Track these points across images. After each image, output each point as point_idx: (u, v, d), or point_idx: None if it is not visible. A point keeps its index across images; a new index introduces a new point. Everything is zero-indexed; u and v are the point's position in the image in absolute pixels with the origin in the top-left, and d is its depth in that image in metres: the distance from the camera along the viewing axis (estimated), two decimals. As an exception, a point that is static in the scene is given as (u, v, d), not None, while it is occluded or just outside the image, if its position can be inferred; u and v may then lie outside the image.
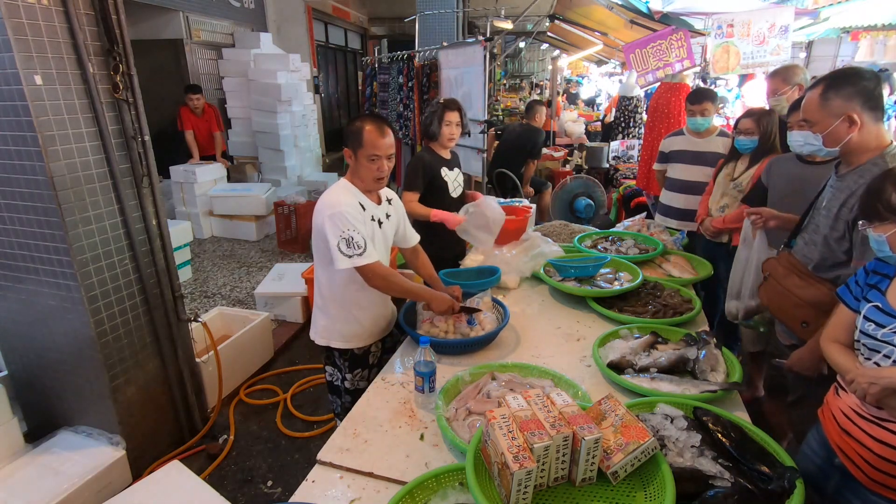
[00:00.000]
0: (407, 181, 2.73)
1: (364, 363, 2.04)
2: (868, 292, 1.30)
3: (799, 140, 1.70)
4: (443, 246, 2.76)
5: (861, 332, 1.27)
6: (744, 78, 6.27)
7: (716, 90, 4.37)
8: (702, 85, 5.04)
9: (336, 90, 10.32)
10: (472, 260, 2.72)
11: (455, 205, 2.84)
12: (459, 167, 2.91)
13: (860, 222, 1.32)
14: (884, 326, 1.22)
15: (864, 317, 1.27)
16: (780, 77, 2.82)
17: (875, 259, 1.33)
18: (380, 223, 1.95)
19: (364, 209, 1.87)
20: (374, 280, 1.82)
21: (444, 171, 2.76)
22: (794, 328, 1.78)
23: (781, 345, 1.98)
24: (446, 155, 2.81)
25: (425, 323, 1.98)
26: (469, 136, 3.09)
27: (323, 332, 1.99)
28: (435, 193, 2.74)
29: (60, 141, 2.02)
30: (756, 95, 5.76)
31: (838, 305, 1.41)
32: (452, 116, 2.69)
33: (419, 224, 2.73)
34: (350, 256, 1.74)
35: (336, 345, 1.99)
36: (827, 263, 1.70)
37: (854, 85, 1.54)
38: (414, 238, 2.20)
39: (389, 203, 2.04)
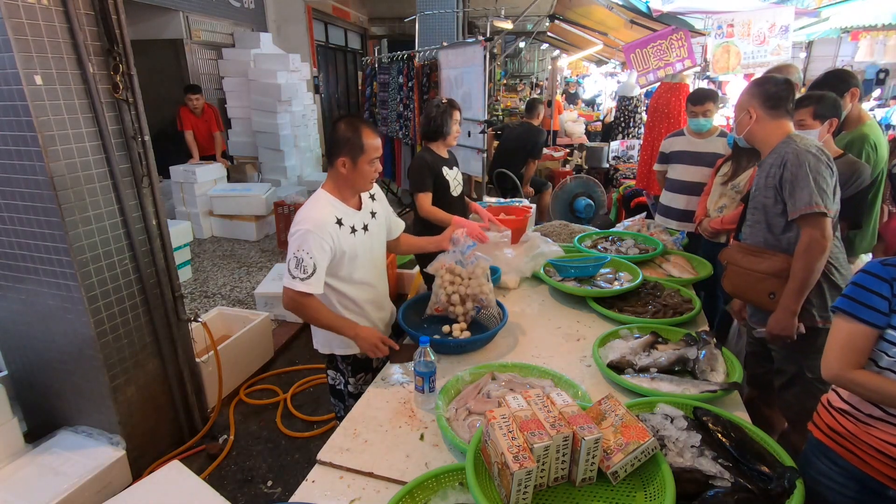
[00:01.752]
0: (416, 184, 2.71)
1: (367, 367, 2.03)
2: (877, 301, 1.21)
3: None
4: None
5: None
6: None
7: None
8: (705, 85, 5.04)
9: (336, 90, 10.32)
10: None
11: (457, 203, 2.85)
12: (458, 166, 2.92)
13: None
14: None
15: (883, 338, 1.20)
16: None
17: (879, 263, 1.25)
18: (366, 228, 1.89)
19: (342, 224, 1.80)
20: (289, 304, 1.75)
21: (446, 171, 2.78)
22: (763, 303, 1.90)
23: (757, 334, 2.03)
24: (445, 154, 2.83)
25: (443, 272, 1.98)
26: (469, 135, 3.10)
27: (324, 342, 1.99)
28: (438, 193, 2.75)
29: (60, 141, 2.02)
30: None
31: (839, 326, 1.28)
32: (457, 115, 2.76)
33: (425, 224, 2.73)
34: (293, 277, 1.70)
35: (339, 351, 1.98)
36: (776, 232, 1.88)
37: (759, 87, 1.90)
38: (399, 228, 2.16)
39: (373, 199, 1.98)
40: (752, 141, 1.96)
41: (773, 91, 1.86)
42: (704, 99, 3.08)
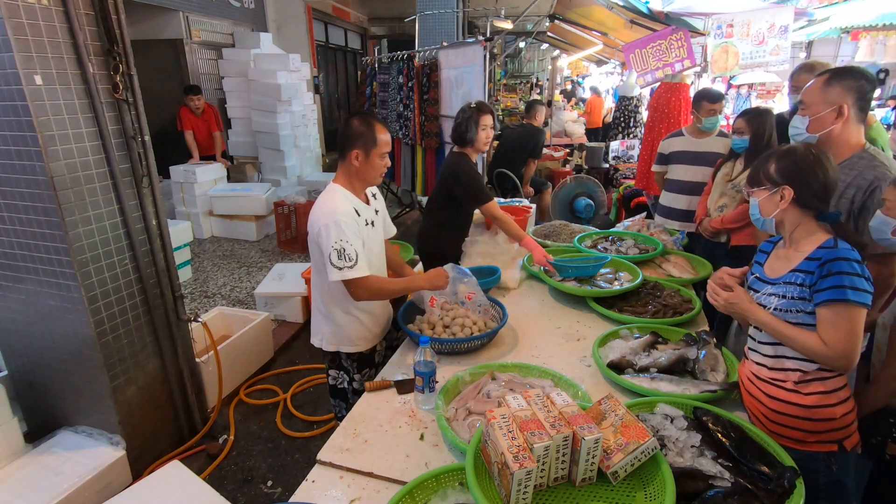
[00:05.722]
0: (478, 191, 2.59)
1: (371, 362, 2.06)
2: (753, 266, 1.53)
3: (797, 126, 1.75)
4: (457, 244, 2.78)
5: None
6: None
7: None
8: (722, 86, 5.01)
9: (336, 90, 10.33)
10: (472, 260, 2.72)
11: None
12: None
13: (743, 188, 1.43)
14: (758, 291, 1.44)
15: (748, 286, 1.49)
16: (806, 72, 2.75)
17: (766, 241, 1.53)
18: (372, 224, 1.96)
19: (359, 214, 1.86)
20: (360, 293, 1.82)
21: None
22: None
23: None
24: (475, 160, 2.73)
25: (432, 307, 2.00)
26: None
27: (331, 339, 1.99)
28: (466, 203, 2.70)
29: (60, 141, 2.02)
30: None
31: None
32: (487, 120, 2.59)
33: (439, 224, 2.73)
34: (340, 269, 1.74)
35: (346, 349, 1.99)
36: None
37: (855, 80, 1.62)
38: (391, 231, 2.19)
39: (374, 198, 2.04)
40: (826, 142, 1.66)
41: (867, 89, 1.60)
42: (720, 97, 3.16)
